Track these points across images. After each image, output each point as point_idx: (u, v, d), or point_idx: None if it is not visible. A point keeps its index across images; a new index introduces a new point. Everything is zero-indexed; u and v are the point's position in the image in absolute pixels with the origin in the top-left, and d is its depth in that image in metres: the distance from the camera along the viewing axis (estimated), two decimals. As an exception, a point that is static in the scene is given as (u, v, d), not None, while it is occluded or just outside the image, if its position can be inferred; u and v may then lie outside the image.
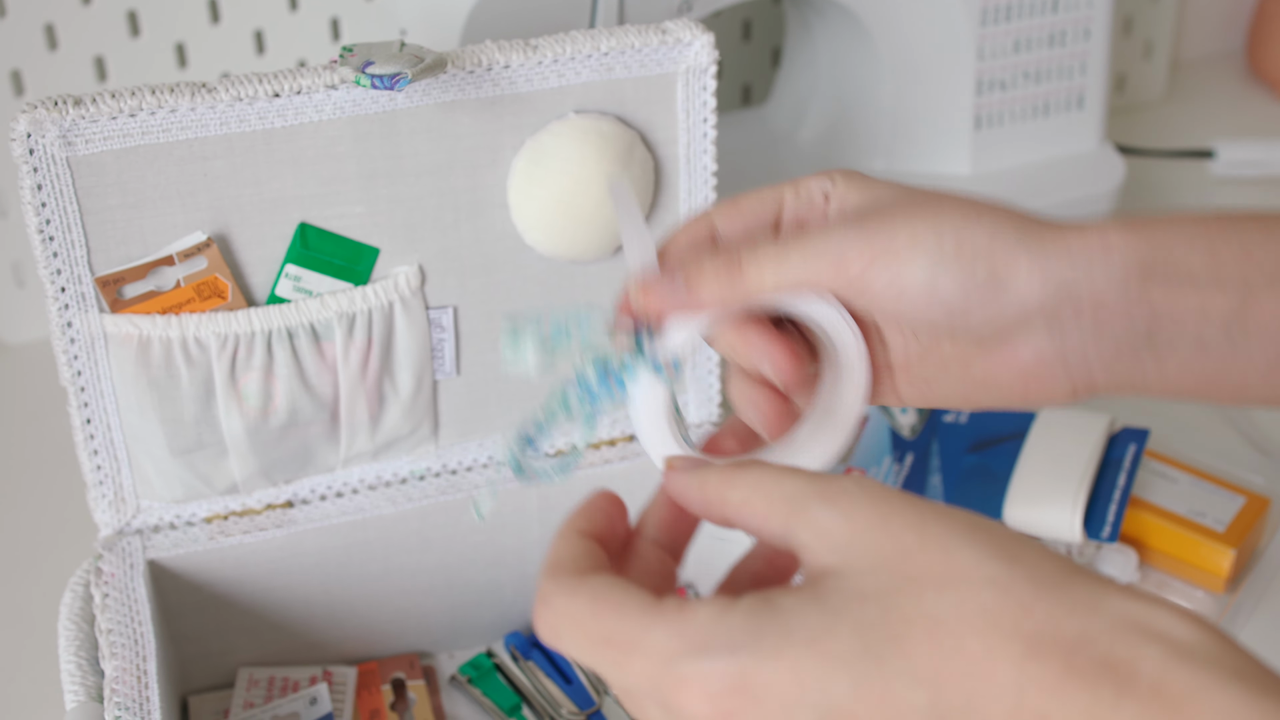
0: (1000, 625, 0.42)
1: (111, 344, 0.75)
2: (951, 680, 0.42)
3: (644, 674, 0.45)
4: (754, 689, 0.43)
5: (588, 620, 0.46)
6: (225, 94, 0.72)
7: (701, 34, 0.78)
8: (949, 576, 0.44)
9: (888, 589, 0.44)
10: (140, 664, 0.72)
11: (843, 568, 0.45)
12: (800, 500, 0.46)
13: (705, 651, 0.44)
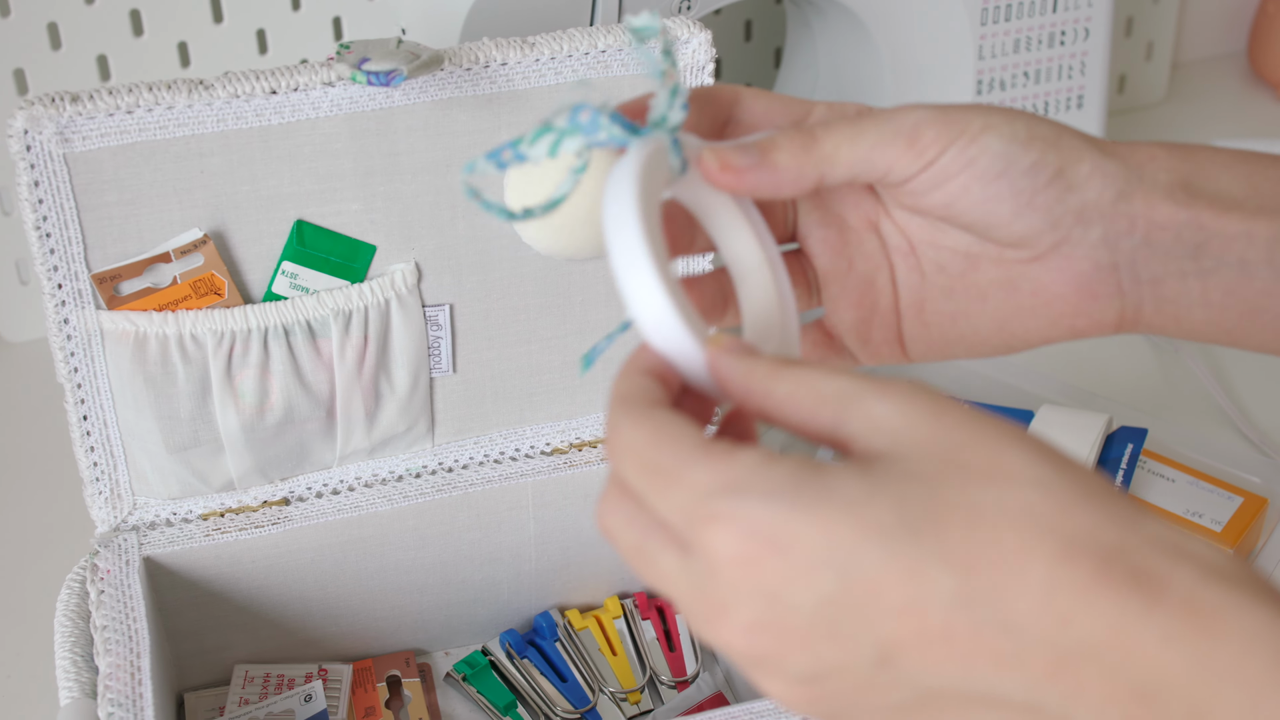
0: (1040, 523, 0.42)
1: (108, 341, 0.75)
2: (983, 569, 0.42)
3: (680, 506, 0.45)
4: (782, 539, 0.43)
5: (645, 448, 0.46)
6: (222, 91, 0.73)
7: (699, 32, 0.78)
8: (997, 472, 0.43)
9: (935, 474, 0.44)
10: (134, 660, 0.72)
11: (893, 452, 0.45)
12: (853, 393, 0.46)
13: (743, 492, 0.44)
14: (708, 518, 0.44)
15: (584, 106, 0.52)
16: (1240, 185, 0.55)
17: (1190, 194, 0.55)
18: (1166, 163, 0.56)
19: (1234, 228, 0.55)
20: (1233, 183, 0.55)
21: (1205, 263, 0.55)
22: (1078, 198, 0.55)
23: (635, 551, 0.47)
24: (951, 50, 1.03)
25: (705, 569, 0.44)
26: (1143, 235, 0.55)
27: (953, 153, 0.54)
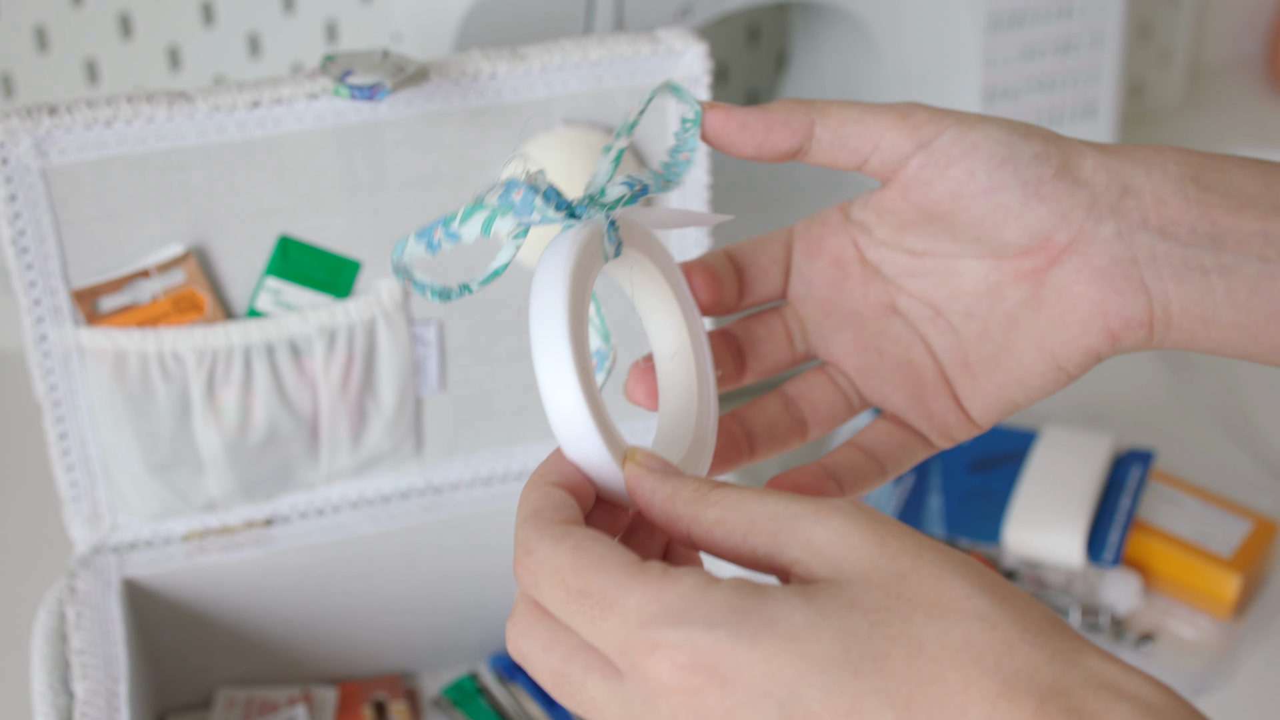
0: (982, 661, 0.42)
1: (87, 358, 0.73)
2: (923, 708, 0.41)
3: (616, 633, 0.44)
4: (724, 670, 0.42)
5: (568, 572, 0.45)
6: (204, 103, 0.71)
7: (694, 43, 0.76)
8: (940, 605, 0.43)
9: (878, 606, 0.43)
10: (111, 686, 0.70)
11: (837, 578, 0.44)
12: (788, 517, 0.45)
13: (683, 621, 0.43)
14: (647, 646, 0.43)
15: (517, 185, 0.50)
16: (1254, 183, 0.54)
17: (1201, 188, 0.53)
18: (1175, 157, 0.54)
19: (1249, 225, 0.53)
20: (1245, 180, 0.54)
21: (1225, 259, 0.53)
22: (1085, 191, 0.53)
23: (557, 676, 0.45)
24: (958, 58, 1.01)
25: (641, 696, 0.43)
26: (1157, 229, 0.53)
27: (951, 135, 0.53)
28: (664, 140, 0.78)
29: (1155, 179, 0.53)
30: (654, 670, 0.43)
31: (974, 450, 0.93)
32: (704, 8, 0.92)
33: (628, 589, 0.44)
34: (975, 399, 0.56)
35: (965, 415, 0.56)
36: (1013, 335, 0.55)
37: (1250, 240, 0.53)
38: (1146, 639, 0.86)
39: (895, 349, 0.57)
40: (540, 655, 0.45)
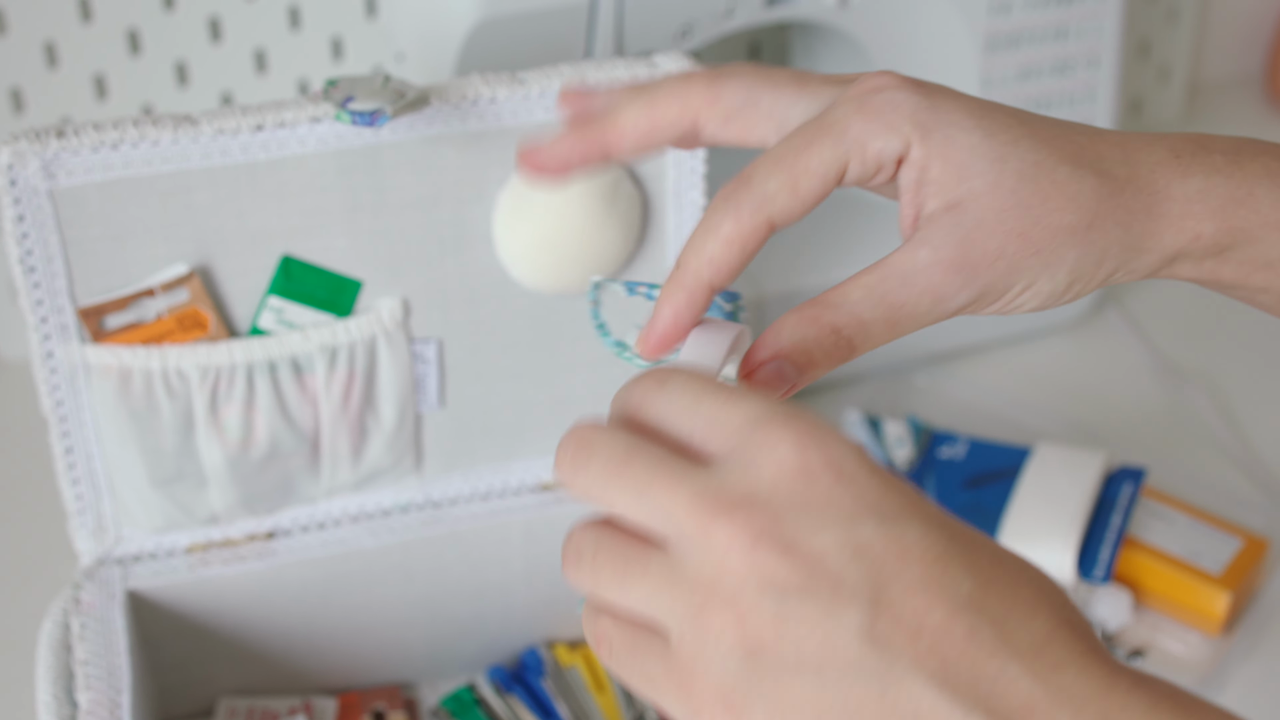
0: None
1: (93, 375, 0.75)
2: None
3: (744, 413, 0.43)
4: (847, 469, 0.42)
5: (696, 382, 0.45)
6: (208, 126, 0.72)
7: (690, 67, 0.77)
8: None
9: None
10: (114, 697, 0.72)
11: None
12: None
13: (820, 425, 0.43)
14: (775, 419, 0.42)
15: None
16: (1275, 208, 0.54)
17: (1220, 260, 0.55)
18: (1210, 240, 0.54)
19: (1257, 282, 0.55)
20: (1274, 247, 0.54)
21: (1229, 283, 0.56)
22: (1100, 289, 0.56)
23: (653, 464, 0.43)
24: (956, 78, 1.02)
25: (743, 467, 0.42)
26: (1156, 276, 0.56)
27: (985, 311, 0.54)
28: (662, 163, 0.79)
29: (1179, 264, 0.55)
30: (776, 441, 0.42)
31: (968, 467, 0.94)
32: (704, 29, 0.93)
33: (744, 396, 0.44)
34: None
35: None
36: None
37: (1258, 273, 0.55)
38: (1137, 655, 0.87)
39: None
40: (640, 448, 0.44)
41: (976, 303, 0.52)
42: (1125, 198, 0.53)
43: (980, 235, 0.51)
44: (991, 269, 0.51)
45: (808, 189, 0.51)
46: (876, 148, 0.51)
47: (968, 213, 0.51)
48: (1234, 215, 0.54)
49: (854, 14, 0.98)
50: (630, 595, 0.44)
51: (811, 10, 0.96)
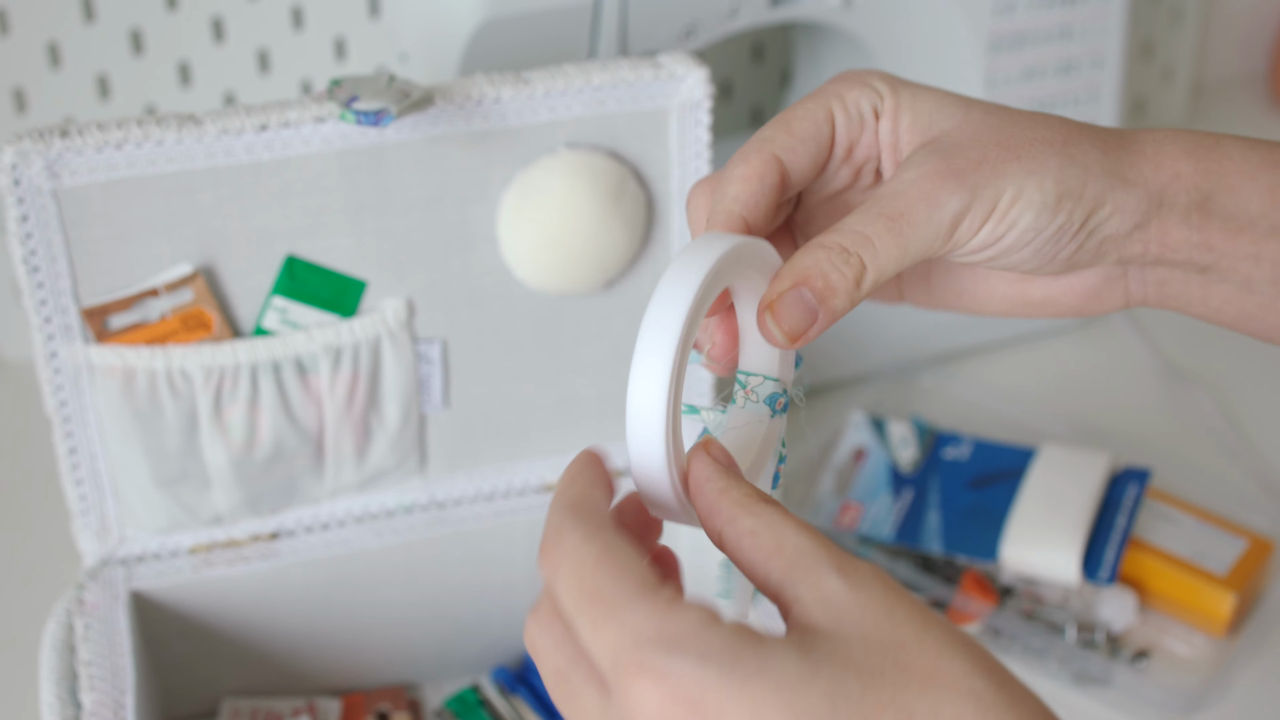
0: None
1: (96, 375, 0.75)
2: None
3: (610, 644, 0.44)
4: (708, 707, 0.42)
5: (588, 569, 0.45)
6: (212, 126, 0.72)
7: (695, 68, 0.77)
8: (936, 678, 0.43)
9: (874, 669, 0.43)
10: (118, 698, 0.72)
11: (836, 632, 0.44)
12: (812, 556, 0.46)
13: (678, 650, 0.43)
14: (636, 667, 0.43)
15: None
16: (1260, 199, 0.56)
17: (1205, 214, 0.56)
18: (1190, 180, 0.56)
19: (1244, 249, 0.56)
20: (1253, 197, 0.56)
21: (1210, 277, 0.57)
22: (1097, 238, 0.56)
23: (558, 678, 0.46)
24: (959, 79, 1.02)
25: (622, 718, 0.43)
26: (1155, 255, 0.57)
27: (984, 233, 0.55)
28: (667, 164, 0.79)
29: (1165, 211, 0.56)
30: (638, 694, 0.43)
31: (972, 467, 0.94)
32: (708, 29, 0.93)
33: (634, 604, 0.44)
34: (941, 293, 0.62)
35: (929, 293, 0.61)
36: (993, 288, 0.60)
37: (1240, 263, 0.56)
38: (1142, 656, 0.87)
39: None
40: (550, 651, 0.46)
41: (971, 212, 0.54)
42: (1096, 133, 0.56)
43: (959, 152, 0.55)
44: (977, 172, 0.54)
45: (800, 129, 0.57)
46: (854, 96, 0.57)
47: (943, 142, 0.56)
48: (1206, 158, 0.56)
49: (858, 14, 0.97)
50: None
51: (815, 11, 0.96)
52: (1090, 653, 0.85)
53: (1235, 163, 0.56)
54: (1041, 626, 0.87)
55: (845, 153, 0.58)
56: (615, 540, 0.46)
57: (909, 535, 0.91)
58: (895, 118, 0.57)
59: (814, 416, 1.03)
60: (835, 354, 1.03)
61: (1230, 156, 0.57)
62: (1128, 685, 0.84)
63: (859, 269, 0.53)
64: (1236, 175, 0.56)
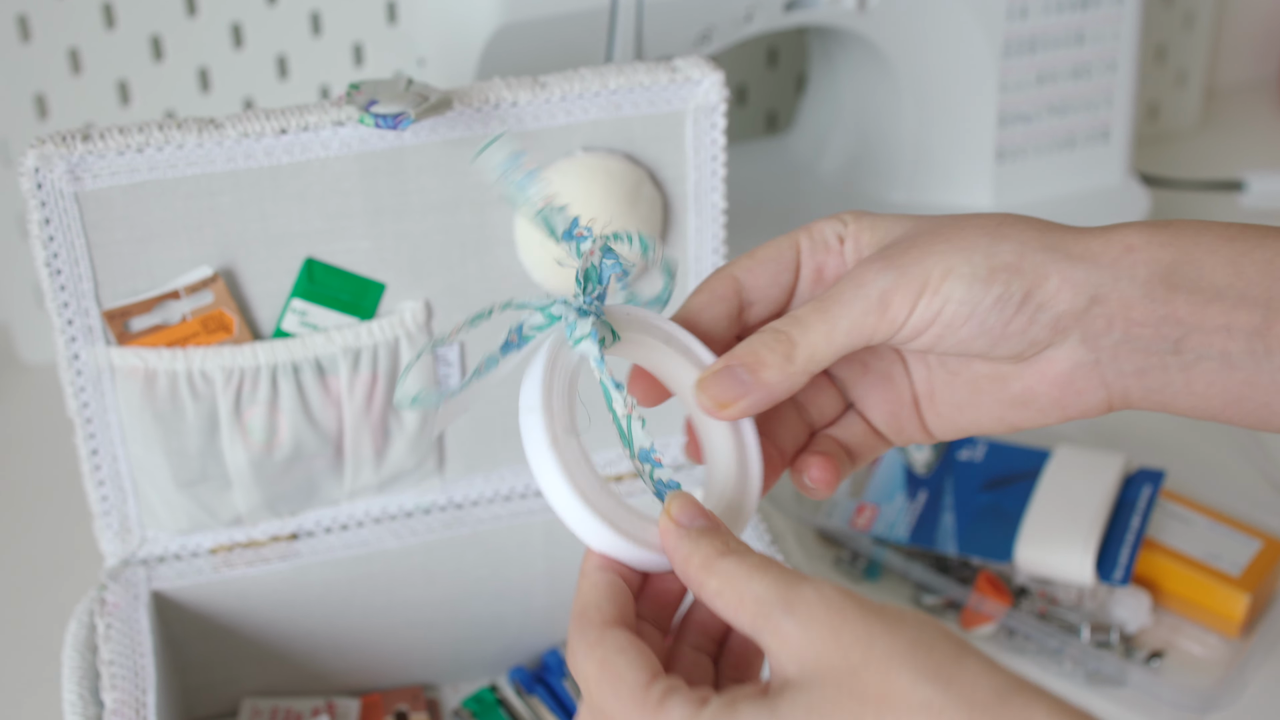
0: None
1: (118, 376, 0.75)
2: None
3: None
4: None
5: (593, 684, 0.51)
6: (232, 130, 0.73)
7: (711, 72, 0.77)
8: (888, 699, 0.46)
9: (835, 705, 0.47)
10: (140, 697, 0.72)
11: (800, 679, 0.48)
12: (768, 605, 0.50)
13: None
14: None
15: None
16: (1225, 271, 0.55)
17: (1169, 287, 0.55)
18: (1146, 254, 0.56)
19: (1214, 321, 0.55)
20: (1217, 269, 0.55)
21: (1187, 356, 0.56)
22: (1049, 314, 0.56)
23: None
24: (974, 82, 1.02)
25: None
26: (1121, 333, 0.56)
27: (920, 310, 0.56)
28: (683, 167, 0.79)
29: (1123, 285, 0.56)
30: None
31: (987, 469, 0.94)
32: (723, 33, 0.94)
33: (628, 714, 0.49)
34: (937, 423, 0.61)
35: (926, 431, 0.61)
36: (975, 399, 0.60)
37: (1214, 336, 0.55)
38: (1156, 656, 0.87)
39: (879, 364, 0.61)
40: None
41: (900, 289, 0.55)
42: (1038, 220, 0.57)
43: (893, 245, 0.57)
44: (905, 255, 0.56)
45: (762, 254, 0.60)
46: (820, 226, 0.60)
47: (886, 244, 0.58)
48: (1161, 232, 0.56)
49: (872, 19, 0.98)
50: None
51: (830, 15, 0.97)
52: (1105, 653, 0.86)
53: (1193, 236, 0.56)
54: (1056, 627, 0.87)
55: (815, 274, 0.60)
56: (612, 647, 0.51)
57: (924, 536, 0.91)
58: (857, 238, 0.59)
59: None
60: (850, 357, 1.04)
61: (1186, 232, 0.56)
62: (1142, 685, 0.84)
63: (788, 344, 0.56)
64: (1196, 248, 0.56)
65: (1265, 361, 0.55)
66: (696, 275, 0.81)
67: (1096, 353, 0.56)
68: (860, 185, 1.08)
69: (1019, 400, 0.58)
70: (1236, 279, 0.55)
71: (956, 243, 0.55)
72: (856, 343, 0.56)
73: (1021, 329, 0.56)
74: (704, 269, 0.81)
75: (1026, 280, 0.55)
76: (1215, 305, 0.55)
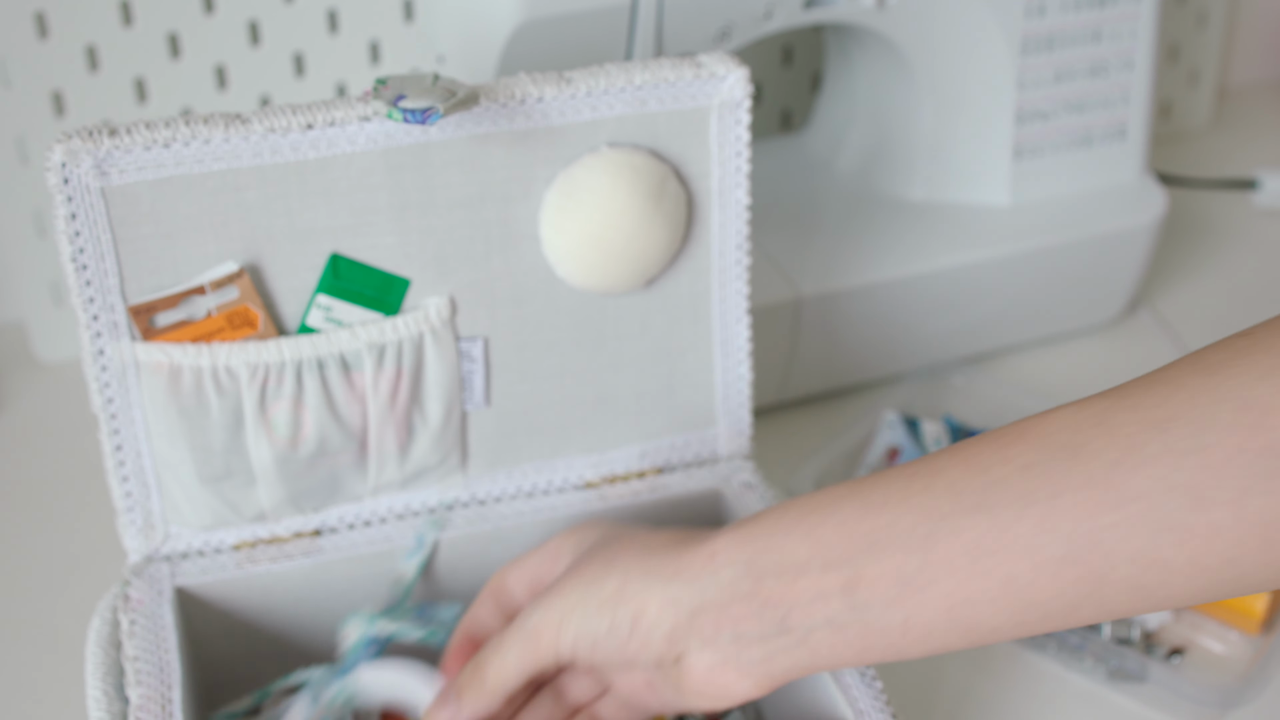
0: None
1: (143, 372, 0.75)
2: None
3: None
4: None
5: None
6: (259, 125, 0.73)
7: (736, 68, 0.78)
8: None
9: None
10: (165, 692, 0.72)
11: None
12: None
13: None
14: None
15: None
16: (803, 545, 0.60)
17: (756, 578, 0.60)
18: (729, 555, 0.61)
19: (807, 593, 0.59)
20: (796, 546, 0.60)
21: (797, 632, 0.60)
22: (659, 632, 0.62)
23: None
24: (991, 80, 1.02)
25: None
26: (731, 630, 0.61)
27: (562, 641, 0.64)
28: (707, 162, 0.79)
29: (713, 590, 0.61)
30: None
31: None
32: (742, 31, 0.94)
33: None
34: (615, 711, 0.70)
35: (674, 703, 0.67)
36: (652, 693, 0.67)
37: (812, 606, 0.60)
38: (1176, 653, 0.87)
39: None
40: None
41: (543, 624, 0.65)
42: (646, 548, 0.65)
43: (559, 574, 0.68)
44: (550, 589, 0.66)
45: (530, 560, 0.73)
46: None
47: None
48: (742, 530, 0.62)
49: (891, 16, 0.98)
50: None
51: (849, 12, 0.97)
52: (1126, 650, 0.86)
53: (772, 524, 0.61)
54: (1077, 623, 0.87)
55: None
56: None
57: (944, 533, 0.91)
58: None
59: (848, 416, 1.04)
60: (869, 354, 1.04)
61: (767, 519, 0.61)
62: (1163, 682, 0.84)
63: (480, 675, 0.67)
64: (775, 534, 0.61)
65: (868, 612, 0.59)
66: (720, 270, 0.81)
67: (720, 652, 0.62)
68: (877, 183, 1.08)
69: (689, 693, 0.64)
70: (816, 548, 0.59)
71: (580, 577, 0.64)
72: (530, 669, 0.65)
73: (639, 649, 0.63)
74: (728, 264, 0.81)
75: (631, 608, 0.62)
76: (803, 580, 0.59)
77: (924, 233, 1.04)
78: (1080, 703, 0.85)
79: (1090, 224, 1.05)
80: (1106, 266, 1.07)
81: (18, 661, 0.87)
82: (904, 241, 1.03)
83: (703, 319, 0.83)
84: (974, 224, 1.05)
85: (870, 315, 1.01)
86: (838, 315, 1.00)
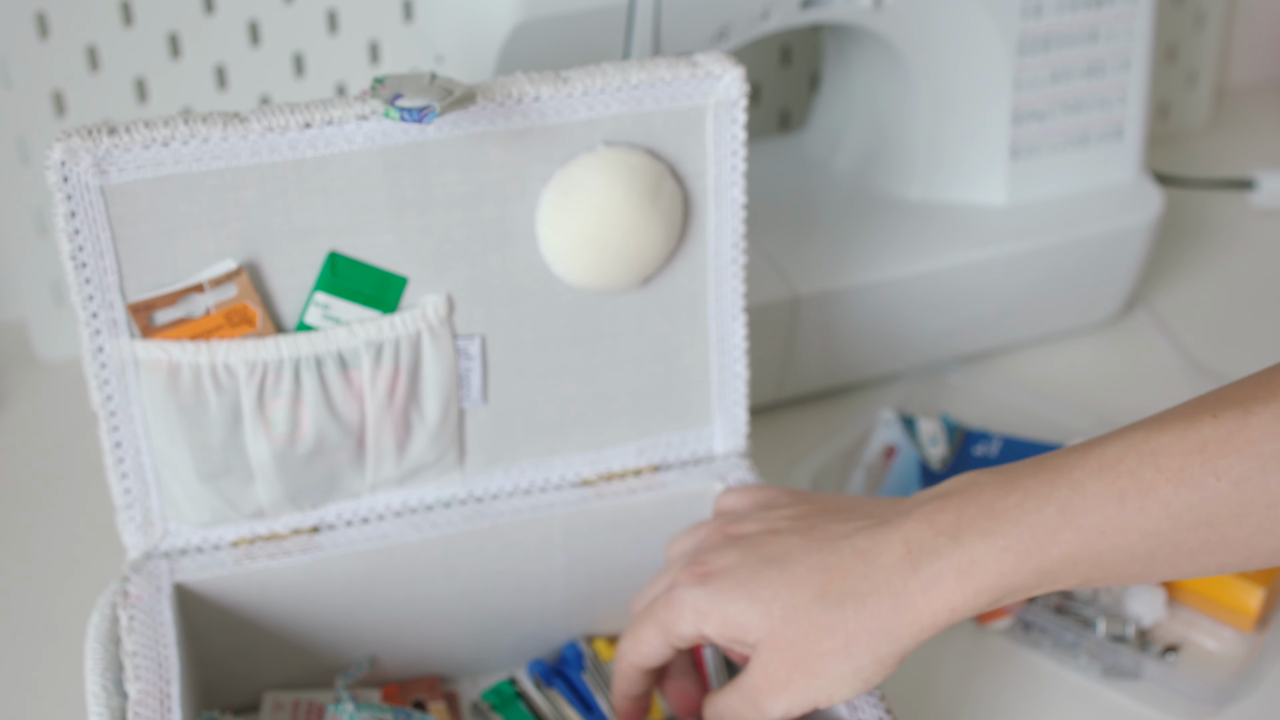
0: None
1: (142, 369, 0.76)
2: None
3: None
4: None
5: None
6: (257, 124, 0.73)
7: (732, 67, 0.78)
8: None
9: None
10: (164, 688, 0.73)
11: None
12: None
13: None
14: None
15: None
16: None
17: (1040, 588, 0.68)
18: (963, 600, 0.67)
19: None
20: (1075, 575, 0.67)
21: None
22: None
23: None
24: (988, 80, 1.03)
25: None
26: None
27: None
28: (703, 161, 0.80)
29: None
30: None
31: (1002, 463, 0.94)
32: (740, 30, 0.94)
33: None
34: None
35: None
36: None
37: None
38: (1171, 650, 0.87)
39: None
40: None
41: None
42: (871, 608, 0.68)
43: (769, 670, 0.70)
44: (778, 698, 0.70)
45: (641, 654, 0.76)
46: (679, 631, 0.73)
47: (760, 654, 0.70)
48: (975, 580, 0.67)
49: (888, 16, 0.98)
50: None
51: (846, 12, 0.97)
52: (1120, 647, 0.86)
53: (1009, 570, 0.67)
54: (1072, 621, 0.88)
55: None
56: None
57: (940, 531, 0.92)
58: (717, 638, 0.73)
59: (845, 414, 1.04)
60: (866, 353, 1.04)
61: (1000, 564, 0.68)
62: (1158, 679, 0.85)
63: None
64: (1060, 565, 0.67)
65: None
66: (716, 269, 0.82)
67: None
68: (874, 182, 1.09)
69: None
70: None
71: (821, 678, 0.70)
72: None
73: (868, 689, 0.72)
74: (724, 263, 0.82)
75: (883, 667, 0.69)
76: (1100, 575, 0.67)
77: (921, 232, 1.04)
78: (1075, 700, 0.85)
79: (1087, 224, 1.06)
80: (1103, 266, 1.08)
81: (18, 657, 0.88)
82: (901, 241, 1.04)
83: (699, 317, 0.83)
84: (971, 223, 1.05)
85: (867, 314, 1.02)
86: (835, 314, 1.01)
